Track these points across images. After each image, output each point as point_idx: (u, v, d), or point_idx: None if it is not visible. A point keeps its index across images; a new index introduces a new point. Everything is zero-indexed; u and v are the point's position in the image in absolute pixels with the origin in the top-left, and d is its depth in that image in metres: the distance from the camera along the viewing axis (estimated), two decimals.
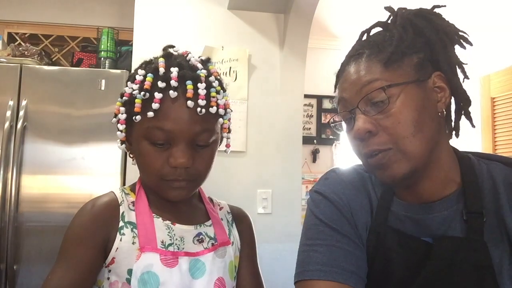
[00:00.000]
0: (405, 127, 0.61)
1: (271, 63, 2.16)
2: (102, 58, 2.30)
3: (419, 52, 0.65)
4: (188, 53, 0.76)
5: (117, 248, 0.71)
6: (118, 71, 2.09)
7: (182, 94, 0.69)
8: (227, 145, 0.82)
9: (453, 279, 0.62)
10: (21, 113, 1.90)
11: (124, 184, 1.96)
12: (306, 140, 3.11)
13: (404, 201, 0.70)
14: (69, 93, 1.98)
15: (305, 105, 3.22)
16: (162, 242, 0.73)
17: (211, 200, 0.88)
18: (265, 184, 2.10)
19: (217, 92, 0.73)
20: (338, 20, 3.06)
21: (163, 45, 0.79)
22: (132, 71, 0.88)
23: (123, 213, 0.74)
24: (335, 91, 0.72)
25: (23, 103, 1.91)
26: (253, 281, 0.83)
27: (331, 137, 3.41)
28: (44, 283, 0.68)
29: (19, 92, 1.94)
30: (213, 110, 0.71)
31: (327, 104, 3.42)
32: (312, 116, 3.39)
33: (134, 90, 0.71)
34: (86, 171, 1.95)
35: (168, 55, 0.75)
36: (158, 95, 0.68)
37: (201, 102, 0.69)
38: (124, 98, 0.74)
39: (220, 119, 0.75)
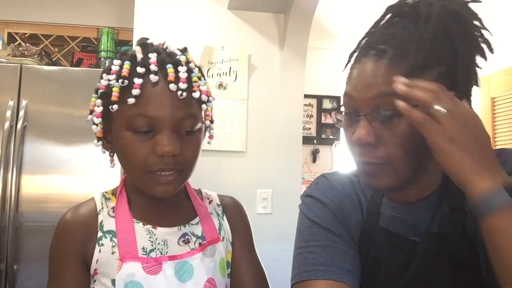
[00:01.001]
0: (404, 148, 0.59)
1: (271, 63, 2.16)
2: (102, 58, 2.31)
3: (441, 65, 0.59)
4: (165, 42, 0.74)
5: (97, 260, 0.69)
6: None
7: (163, 79, 0.67)
8: (210, 136, 0.78)
9: (439, 275, 0.63)
10: (21, 113, 1.89)
11: None
12: (306, 140, 3.11)
13: (391, 202, 0.70)
14: (69, 93, 1.98)
15: (305, 105, 3.22)
16: (143, 248, 0.70)
17: (200, 192, 0.85)
18: (265, 184, 2.10)
19: (199, 78, 0.71)
20: (338, 20, 3.06)
21: None
22: None
23: (101, 222, 0.72)
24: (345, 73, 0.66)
25: (23, 103, 1.91)
26: (250, 271, 0.79)
27: (331, 137, 3.41)
28: None
29: (19, 92, 1.94)
30: (196, 94, 0.69)
31: (327, 104, 3.42)
32: (312, 116, 3.39)
33: (110, 80, 0.68)
34: (86, 171, 1.95)
35: (144, 44, 0.73)
36: (138, 81, 0.65)
37: (183, 85, 0.67)
38: (100, 91, 0.71)
39: (204, 106, 0.72)
